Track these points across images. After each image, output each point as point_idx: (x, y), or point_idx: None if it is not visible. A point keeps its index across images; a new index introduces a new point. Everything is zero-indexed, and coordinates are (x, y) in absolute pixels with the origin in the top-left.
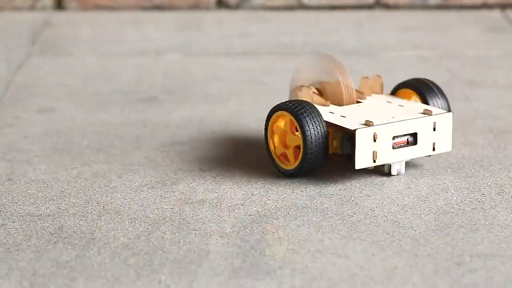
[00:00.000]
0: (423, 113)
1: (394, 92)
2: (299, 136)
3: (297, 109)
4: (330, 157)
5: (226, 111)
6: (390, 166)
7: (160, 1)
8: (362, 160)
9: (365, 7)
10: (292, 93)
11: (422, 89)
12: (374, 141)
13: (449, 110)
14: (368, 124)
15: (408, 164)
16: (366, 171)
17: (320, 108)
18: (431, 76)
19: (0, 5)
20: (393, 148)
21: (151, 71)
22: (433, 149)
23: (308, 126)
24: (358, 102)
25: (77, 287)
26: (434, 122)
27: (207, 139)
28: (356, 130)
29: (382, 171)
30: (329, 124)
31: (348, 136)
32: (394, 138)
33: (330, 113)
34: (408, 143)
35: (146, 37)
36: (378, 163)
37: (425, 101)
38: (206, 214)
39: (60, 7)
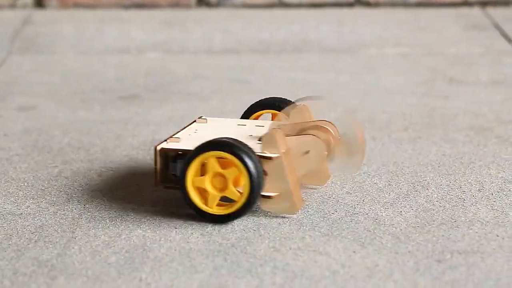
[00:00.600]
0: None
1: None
2: None
3: None
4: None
5: (207, 109)
6: None
7: None
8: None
9: (345, 4)
10: None
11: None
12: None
13: None
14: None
15: (389, 162)
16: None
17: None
18: (412, 74)
19: None
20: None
21: (132, 69)
22: None
23: None
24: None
25: (58, 286)
26: None
27: None
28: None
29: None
30: None
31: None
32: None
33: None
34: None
35: (127, 35)
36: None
37: None
38: (187, 211)
39: (41, 5)
